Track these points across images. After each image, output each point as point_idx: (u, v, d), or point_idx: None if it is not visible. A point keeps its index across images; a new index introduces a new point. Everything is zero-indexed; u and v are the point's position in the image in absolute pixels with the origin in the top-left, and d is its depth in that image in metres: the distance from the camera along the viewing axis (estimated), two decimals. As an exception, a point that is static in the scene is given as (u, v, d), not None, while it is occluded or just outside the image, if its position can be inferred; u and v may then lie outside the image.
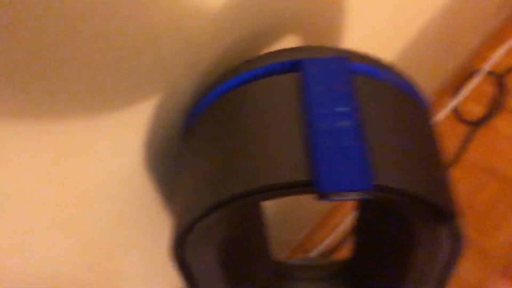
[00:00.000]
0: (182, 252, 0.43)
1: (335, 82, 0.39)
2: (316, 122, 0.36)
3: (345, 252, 0.91)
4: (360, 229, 0.65)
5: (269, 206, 0.87)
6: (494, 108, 1.40)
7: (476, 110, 1.41)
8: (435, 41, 1.07)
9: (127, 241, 0.55)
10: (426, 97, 0.46)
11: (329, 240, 1.24)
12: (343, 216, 1.27)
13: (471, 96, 1.43)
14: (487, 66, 1.44)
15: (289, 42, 0.58)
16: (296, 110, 0.38)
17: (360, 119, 0.36)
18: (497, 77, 1.44)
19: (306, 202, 1.06)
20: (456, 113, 1.41)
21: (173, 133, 0.50)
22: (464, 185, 1.31)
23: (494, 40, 1.50)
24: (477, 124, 1.38)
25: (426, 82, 1.21)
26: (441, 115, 1.39)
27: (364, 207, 0.61)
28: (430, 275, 0.45)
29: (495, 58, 1.45)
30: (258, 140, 0.37)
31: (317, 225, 1.26)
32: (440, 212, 0.37)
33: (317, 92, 0.38)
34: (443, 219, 0.38)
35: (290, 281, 0.75)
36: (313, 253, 1.23)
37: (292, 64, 0.41)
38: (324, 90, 0.38)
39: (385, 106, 0.39)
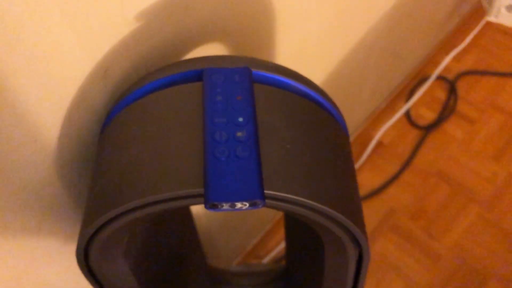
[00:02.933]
0: (87, 261, 0.42)
1: (236, 92, 0.39)
2: (211, 132, 0.36)
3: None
4: (288, 238, 0.65)
5: (213, 213, 0.87)
6: (446, 113, 1.43)
7: (428, 115, 1.44)
8: (380, 49, 1.08)
9: (48, 251, 0.54)
10: (336, 107, 0.46)
11: (282, 245, 1.25)
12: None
13: (423, 101, 1.46)
14: (437, 71, 1.47)
15: (215, 51, 0.58)
16: (196, 120, 0.38)
17: (256, 129, 0.37)
18: (449, 83, 1.47)
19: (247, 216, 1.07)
20: (408, 118, 1.43)
21: (88, 141, 0.49)
22: (415, 189, 1.33)
23: (444, 46, 1.53)
24: (428, 128, 1.41)
25: (376, 88, 1.23)
26: (393, 119, 1.41)
27: (287, 217, 0.61)
28: (343, 283, 0.46)
29: (445, 64, 1.47)
30: (155, 150, 0.37)
31: (270, 231, 1.26)
32: (336, 220, 0.37)
33: (216, 102, 0.38)
34: (342, 227, 0.38)
35: (221, 282, 0.76)
36: (266, 260, 1.24)
37: (195, 73, 0.41)
38: (223, 99, 0.38)
39: (285, 116, 0.39)
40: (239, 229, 1.11)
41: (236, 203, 0.33)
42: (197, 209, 0.78)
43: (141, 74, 0.49)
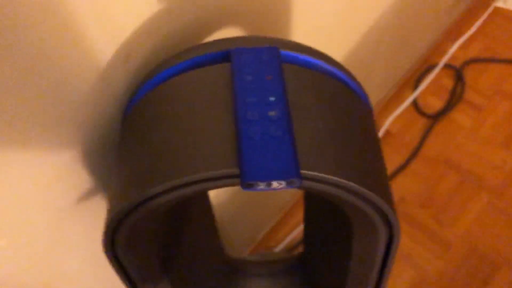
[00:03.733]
0: (114, 248, 0.42)
1: (265, 71, 0.38)
2: (243, 112, 0.35)
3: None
4: (308, 222, 0.64)
5: (226, 202, 0.87)
6: (453, 101, 1.42)
7: (435, 103, 1.43)
8: (389, 36, 1.08)
9: (68, 240, 0.54)
10: (361, 87, 0.45)
11: (292, 236, 1.24)
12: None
13: (430, 90, 1.45)
14: (444, 59, 1.46)
15: (233, 33, 0.57)
16: (225, 100, 0.37)
17: (288, 109, 0.36)
18: (455, 70, 1.47)
19: (264, 199, 1.06)
20: (416, 107, 1.42)
21: (111, 127, 0.49)
22: (424, 177, 1.33)
23: (451, 34, 1.52)
24: (436, 117, 1.40)
25: (384, 77, 1.22)
26: (401, 108, 1.41)
27: (308, 200, 0.61)
28: (371, 265, 0.45)
29: (452, 52, 1.47)
30: (187, 131, 0.36)
31: (279, 222, 1.26)
32: (371, 201, 0.37)
33: (246, 82, 0.37)
34: (376, 208, 0.38)
35: (242, 277, 0.75)
36: (278, 249, 1.23)
37: (222, 54, 0.40)
38: (253, 79, 0.37)
39: (315, 96, 0.38)
40: (249, 220, 1.11)
41: (272, 182, 0.32)
42: (212, 199, 0.77)
43: (161, 59, 0.48)
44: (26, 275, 0.51)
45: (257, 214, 1.14)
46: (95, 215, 0.54)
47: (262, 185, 0.32)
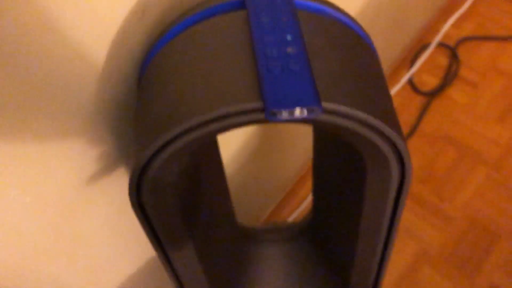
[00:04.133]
0: (139, 194, 0.43)
1: (280, 14, 0.40)
2: (262, 50, 0.37)
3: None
4: (318, 176, 0.66)
5: (234, 174, 0.88)
6: (448, 78, 1.44)
7: (431, 81, 1.45)
8: (383, 16, 1.10)
9: (87, 202, 0.55)
10: (367, 33, 0.47)
11: (297, 213, 1.26)
12: (309, 189, 1.29)
13: (426, 68, 1.47)
14: (437, 38, 1.48)
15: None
16: (244, 41, 0.39)
17: (305, 46, 0.38)
18: (450, 49, 1.49)
19: (270, 175, 1.08)
20: (412, 85, 1.44)
21: (127, 85, 0.50)
22: (422, 153, 1.35)
23: (444, 13, 1.54)
24: (432, 94, 1.42)
25: (380, 56, 1.24)
26: (397, 87, 1.43)
27: (318, 145, 0.62)
28: (383, 207, 0.47)
29: (444, 30, 1.49)
30: (208, 71, 0.38)
31: (284, 200, 1.28)
32: (385, 134, 0.39)
33: (263, 23, 0.39)
34: (389, 142, 0.39)
35: (254, 243, 0.77)
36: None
37: (235, 3, 0.42)
38: (269, 21, 0.39)
39: (328, 37, 0.40)
40: (254, 197, 1.12)
41: (295, 110, 0.34)
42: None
43: (177, 14, 0.49)
44: (48, 235, 0.52)
45: (264, 189, 1.15)
46: (113, 179, 0.56)
47: (285, 114, 0.34)
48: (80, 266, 0.62)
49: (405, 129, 1.38)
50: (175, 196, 0.46)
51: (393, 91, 1.42)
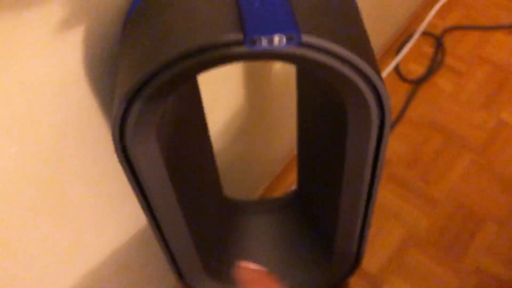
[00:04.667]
0: (123, 139, 0.44)
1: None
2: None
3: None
4: (302, 127, 0.67)
5: (218, 155, 0.89)
6: (434, 66, 1.46)
7: (417, 70, 1.47)
8: (369, 6, 1.11)
9: (72, 159, 0.56)
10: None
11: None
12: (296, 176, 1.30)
13: (412, 57, 1.49)
14: (422, 27, 1.50)
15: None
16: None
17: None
18: (435, 38, 1.51)
19: (256, 157, 1.08)
20: (399, 74, 1.46)
21: (112, 37, 0.51)
22: (409, 139, 1.36)
23: (429, 3, 1.56)
24: (418, 82, 1.44)
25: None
26: (383, 75, 1.44)
27: (301, 96, 0.62)
28: (365, 156, 0.48)
29: (428, 19, 1.51)
30: (190, 9, 0.39)
31: (271, 185, 1.28)
32: (362, 71, 0.39)
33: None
34: (366, 79, 0.40)
35: (241, 213, 0.77)
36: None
37: None
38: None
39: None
40: (242, 182, 1.13)
41: (274, 38, 0.35)
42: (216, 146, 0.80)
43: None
44: (34, 190, 0.52)
45: (251, 172, 1.16)
46: (98, 135, 0.56)
47: (264, 42, 0.35)
48: (66, 228, 0.62)
49: (392, 116, 1.39)
50: (159, 143, 0.47)
51: (380, 79, 1.44)
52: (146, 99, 0.40)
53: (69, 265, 0.68)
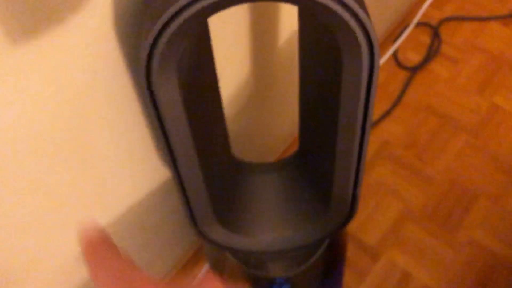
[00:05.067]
0: (149, 76, 0.51)
1: None
2: None
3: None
4: (302, 77, 0.74)
5: (228, 124, 0.96)
6: (431, 55, 1.54)
7: (414, 58, 1.55)
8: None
9: (99, 106, 0.63)
10: None
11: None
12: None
13: (410, 46, 1.56)
14: (418, 17, 1.58)
15: None
16: None
17: None
18: (432, 28, 1.58)
19: (264, 130, 1.15)
20: (397, 61, 1.53)
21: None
22: (407, 122, 1.43)
23: (426, -6, 1.64)
24: (415, 69, 1.51)
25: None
26: (382, 61, 1.52)
27: (303, 44, 0.69)
28: (358, 94, 0.55)
29: (423, 10, 1.59)
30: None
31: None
32: (354, 12, 0.47)
33: None
34: (358, 20, 0.48)
35: (247, 172, 0.85)
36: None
37: None
38: None
39: None
40: (254, 147, 1.20)
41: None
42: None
43: None
44: (63, 132, 0.60)
45: (259, 145, 1.23)
46: (122, 85, 0.64)
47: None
48: (89, 176, 0.70)
49: (390, 100, 1.47)
50: (178, 81, 0.54)
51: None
52: (167, 39, 0.48)
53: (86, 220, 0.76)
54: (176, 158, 0.63)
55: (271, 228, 0.81)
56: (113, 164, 0.73)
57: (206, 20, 0.60)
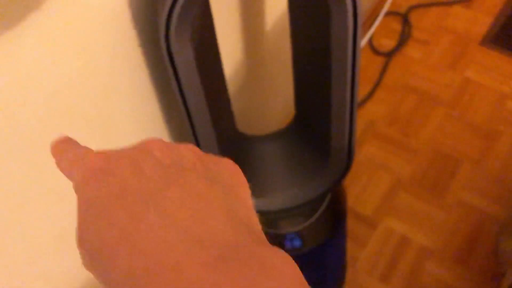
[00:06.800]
0: (168, 40, 0.60)
1: None
2: None
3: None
4: (294, 41, 0.83)
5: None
6: (403, 39, 1.65)
7: (388, 44, 1.66)
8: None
9: (120, 79, 0.72)
10: None
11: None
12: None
13: (382, 33, 1.68)
14: (386, 6, 1.70)
15: None
16: None
17: None
18: (401, 16, 1.70)
19: (259, 113, 1.24)
20: (373, 48, 1.64)
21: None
22: (388, 101, 1.54)
23: (393, -15, 1.76)
24: (390, 54, 1.62)
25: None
26: (360, 50, 1.63)
27: (293, 13, 0.79)
28: (345, 45, 0.65)
29: (390, 0, 1.71)
30: None
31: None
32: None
33: None
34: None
35: (250, 141, 0.93)
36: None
37: None
38: None
39: None
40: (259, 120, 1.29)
41: None
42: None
43: None
44: (91, 107, 0.68)
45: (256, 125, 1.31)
46: (137, 63, 0.72)
47: None
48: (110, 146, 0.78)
49: (370, 84, 1.57)
50: (192, 45, 0.63)
51: (356, 53, 1.62)
52: (181, 5, 0.57)
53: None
54: (193, 120, 0.72)
55: (278, 189, 0.90)
56: (129, 139, 0.81)
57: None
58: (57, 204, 0.71)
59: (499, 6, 1.70)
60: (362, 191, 1.39)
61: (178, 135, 0.92)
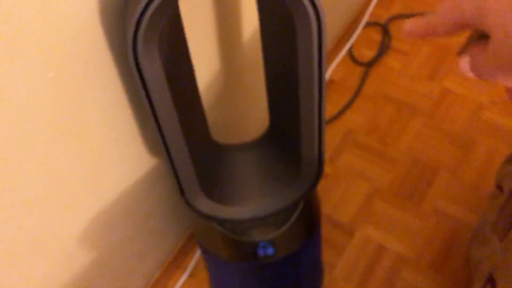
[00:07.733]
0: (135, 52, 0.62)
1: None
2: None
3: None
4: (266, 54, 0.85)
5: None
6: (383, 50, 1.68)
7: (368, 54, 1.68)
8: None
9: (93, 91, 0.73)
10: None
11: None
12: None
13: (363, 43, 1.70)
14: (366, 16, 1.73)
15: None
16: None
17: None
18: (381, 26, 1.73)
19: (236, 125, 1.26)
20: (353, 58, 1.67)
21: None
22: (367, 111, 1.56)
23: (373, -4, 1.79)
24: (370, 64, 1.65)
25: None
26: (338, 59, 1.65)
27: (263, 25, 0.81)
28: (311, 56, 0.66)
29: (371, 9, 1.74)
30: None
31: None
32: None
33: None
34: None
35: (224, 150, 0.95)
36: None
37: None
38: None
39: None
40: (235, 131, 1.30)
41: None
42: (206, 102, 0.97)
43: None
44: (61, 116, 0.69)
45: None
46: (109, 76, 0.74)
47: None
48: (84, 160, 0.79)
49: (350, 94, 1.59)
50: (160, 58, 0.65)
51: (336, 63, 1.65)
52: (149, 17, 0.58)
53: (82, 205, 0.85)
54: (163, 131, 0.73)
55: (251, 197, 0.91)
56: (106, 145, 0.82)
57: (177, 3, 0.70)
58: (27, 215, 0.72)
59: (477, 17, 1.73)
60: (340, 199, 1.41)
61: (153, 145, 0.94)
